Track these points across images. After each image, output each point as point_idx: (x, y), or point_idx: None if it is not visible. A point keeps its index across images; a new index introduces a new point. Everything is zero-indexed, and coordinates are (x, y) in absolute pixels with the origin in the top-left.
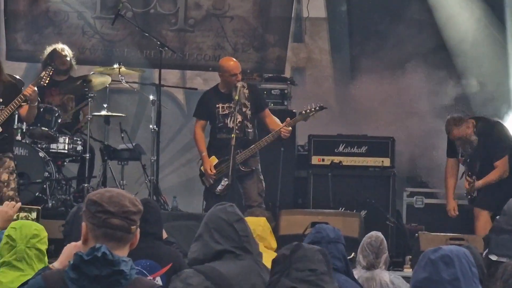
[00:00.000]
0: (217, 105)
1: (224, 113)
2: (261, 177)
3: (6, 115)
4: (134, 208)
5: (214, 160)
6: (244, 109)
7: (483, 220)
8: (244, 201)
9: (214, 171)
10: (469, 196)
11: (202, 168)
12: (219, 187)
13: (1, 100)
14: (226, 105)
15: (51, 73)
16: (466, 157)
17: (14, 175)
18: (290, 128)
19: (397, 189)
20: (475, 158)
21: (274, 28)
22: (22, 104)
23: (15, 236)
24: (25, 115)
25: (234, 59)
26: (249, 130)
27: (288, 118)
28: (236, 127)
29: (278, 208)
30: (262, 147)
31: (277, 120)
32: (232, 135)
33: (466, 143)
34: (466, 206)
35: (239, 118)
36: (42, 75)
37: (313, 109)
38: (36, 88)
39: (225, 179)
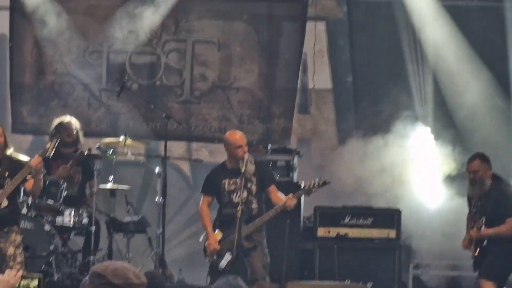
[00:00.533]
0: (223, 181)
1: (230, 189)
2: (266, 251)
3: (12, 188)
4: (138, 281)
5: (218, 235)
6: (249, 185)
7: None
8: (249, 275)
9: (218, 247)
10: (473, 254)
11: (206, 243)
12: (223, 262)
13: (6, 174)
14: (232, 180)
15: (56, 145)
16: (475, 212)
17: (21, 249)
18: (295, 200)
19: (403, 260)
20: (483, 213)
21: (280, 99)
22: (27, 177)
23: None
24: (30, 189)
25: (240, 132)
26: (253, 206)
27: (291, 194)
28: (242, 201)
29: (284, 280)
30: (265, 222)
31: (282, 196)
32: (238, 208)
33: (478, 183)
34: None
35: (245, 194)
36: (47, 147)
37: (316, 184)
38: (41, 159)
39: (229, 254)
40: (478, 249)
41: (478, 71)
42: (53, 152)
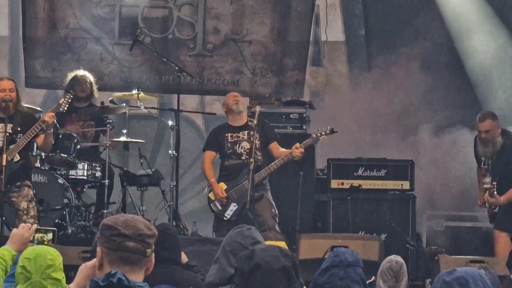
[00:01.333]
0: (225, 135)
1: (232, 140)
2: (272, 202)
3: (24, 143)
4: (149, 232)
5: (223, 185)
6: (252, 139)
7: (503, 242)
8: (258, 225)
9: (225, 194)
10: (489, 211)
11: (210, 194)
12: (228, 212)
13: (19, 129)
14: (235, 134)
15: (70, 100)
16: (486, 169)
17: (33, 203)
18: (302, 149)
19: (417, 212)
20: (495, 172)
21: (293, 52)
22: (39, 132)
23: (30, 267)
24: (41, 144)
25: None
26: (258, 157)
27: (297, 143)
28: (245, 153)
29: (298, 232)
30: (273, 171)
31: (286, 151)
32: (251, 160)
33: (490, 142)
34: (486, 228)
35: (247, 145)
36: (61, 102)
37: (323, 133)
38: (54, 114)
39: (234, 204)
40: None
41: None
42: (66, 107)
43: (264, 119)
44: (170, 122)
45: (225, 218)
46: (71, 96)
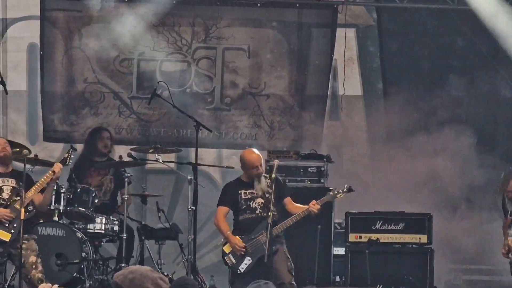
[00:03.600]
0: (239, 191)
1: (246, 197)
2: (288, 256)
3: (31, 196)
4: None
5: (239, 239)
6: (267, 195)
7: None
8: (275, 279)
9: (244, 245)
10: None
11: (225, 247)
12: (242, 266)
13: (21, 184)
14: (249, 191)
15: (71, 155)
16: None
17: (40, 258)
18: (319, 205)
19: (435, 265)
20: None
21: (310, 105)
22: (45, 185)
23: None
24: (43, 198)
25: (256, 152)
26: (274, 212)
27: (314, 200)
28: (259, 207)
29: (316, 286)
30: (289, 226)
31: (300, 205)
32: (269, 213)
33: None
34: (508, 282)
35: (261, 200)
36: (65, 157)
37: (341, 191)
38: (62, 166)
39: (249, 258)
40: None
41: None
42: (70, 162)
43: (277, 176)
44: (188, 176)
45: (238, 272)
46: (75, 150)
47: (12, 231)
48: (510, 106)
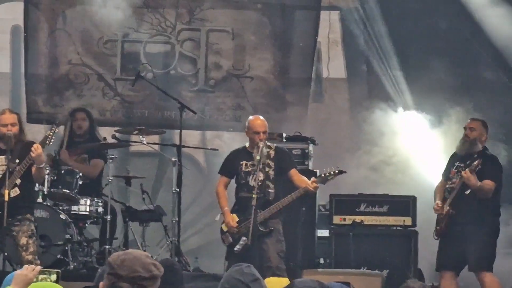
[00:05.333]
0: (241, 162)
1: (246, 170)
2: (282, 238)
3: (17, 176)
4: (146, 274)
5: (235, 217)
6: (267, 169)
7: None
8: (263, 261)
9: (236, 225)
10: (438, 227)
11: (223, 225)
12: (238, 246)
13: (17, 161)
14: (250, 163)
15: (54, 133)
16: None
17: (34, 238)
18: (317, 184)
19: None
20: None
21: (294, 88)
22: (30, 165)
23: None
24: (33, 175)
25: (261, 118)
26: (270, 190)
27: (313, 178)
28: (257, 186)
29: (300, 268)
30: (282, 207)
31: (306, 179)
32: (254, 195)
33: (470, 142)
34: None
35: (261, 177)
36: (47, 135)
37: (332, 173)
38: (39, 147)
39: (244, 238)
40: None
41: None
42: (52, 140)
43: (281, 148)
44: (172, 158)
45: (235, 251)
46: (56, 130)
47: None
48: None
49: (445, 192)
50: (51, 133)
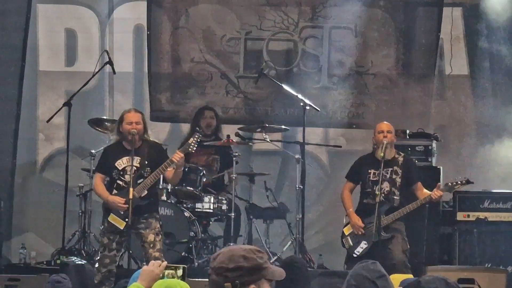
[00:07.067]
0: (369, 170)
1: (374, 179)
2: (405, 238)
3: (152, 181)
4: (231, 265)
5: (359, 219)
6: (394, 176)
7: None
8: (388, 259)
9: (363, 225)
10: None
11: (345, 228)
12: (358, 249)
13: (146, 162)
14: (378, 171)
15: (198, 140)
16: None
17: (160, 236)
18: (441, 193)
19: None
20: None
21: (417, 85)
22: (169, 168)
23: None
24: (170, 178)
25: (387, 122)
26: (395, 197)
27: (439, 184)
28: (383, 196)
29: (424, 265)
30: (405, 214)
31: (428, 192)
32: (377, 200)
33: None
34: None
35: (388, 186)
36: (190, 142)
37: (459, 182)
38: (183, 155)
39: (365, 242)
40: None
41: None
42: (195, 147)
43: (409, 159)
44: (296, 155)
45: (354, 256)
46: (200, 136)
47: (127, 219)
48: None
49: None
50: (194, 140)
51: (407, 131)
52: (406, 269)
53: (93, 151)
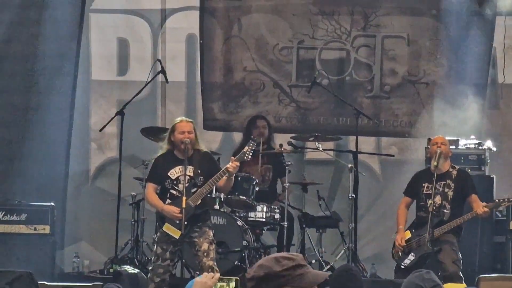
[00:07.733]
0: (423, 184)
1: (427, 192)
2: (455, 248)
3: (207, 191)
4: (260, 272)
5: (407, 234)
6: (446, 190)
7: None
8: (441, 271)
9: (403, 244)
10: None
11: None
12: (406, 261)
13: (199, 171)
14: (431, 185)
15: (254, 148)
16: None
17: (213, 245)
18: (488, 210)
19: None
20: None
21: (470, 94)
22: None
23: None
24: (221, 186)
25: (441, 136)
26: (445, 211)
27: (484, 203)
28: (434, 208)
29: (477, 274)
30: (455, 227)
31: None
32: (429, 202)
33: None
34: None
35: (439, 199)
36: (245, 150)
37: (506, 200)
38: (238, 164)
39: (412, 254)
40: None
41: None
42: (250, 155)
43: (465, 172)
44: (348, 165)
45: (402, 266)
46: (255, 145)
47: (182, 229)
48: None
49: None
50: (249, 149)
51: (459, 140)
52: (459, 279)
53: (145, 160)
